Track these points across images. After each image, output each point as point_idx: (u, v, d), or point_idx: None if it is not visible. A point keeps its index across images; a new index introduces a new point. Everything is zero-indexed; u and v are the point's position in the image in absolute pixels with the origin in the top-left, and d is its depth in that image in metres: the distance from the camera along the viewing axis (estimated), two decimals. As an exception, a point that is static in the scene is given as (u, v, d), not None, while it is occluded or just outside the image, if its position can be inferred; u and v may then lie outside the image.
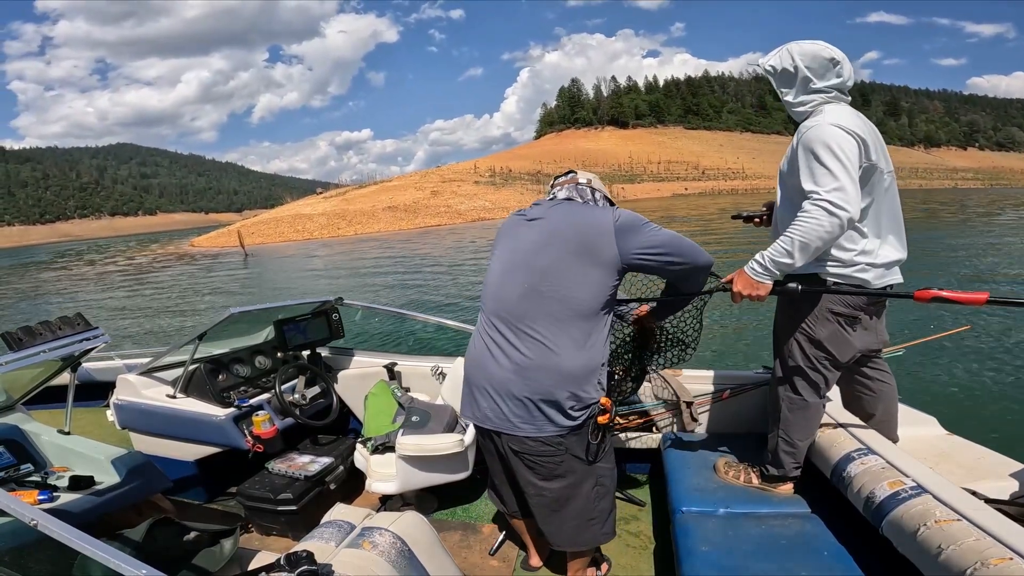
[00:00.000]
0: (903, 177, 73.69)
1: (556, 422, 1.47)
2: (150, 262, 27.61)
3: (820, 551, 1.55)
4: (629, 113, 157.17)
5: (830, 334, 1.68)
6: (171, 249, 38.61)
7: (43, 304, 15.54)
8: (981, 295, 1.37)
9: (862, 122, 1.57)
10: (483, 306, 1.61)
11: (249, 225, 44.81)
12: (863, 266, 1.61)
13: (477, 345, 1.59)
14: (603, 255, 1.46)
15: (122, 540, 1.40)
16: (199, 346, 2.46)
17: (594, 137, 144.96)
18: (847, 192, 1.46)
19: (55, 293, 18.16)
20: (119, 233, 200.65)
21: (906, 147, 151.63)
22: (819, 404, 1.79)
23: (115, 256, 36.02)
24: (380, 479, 2.19)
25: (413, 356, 2.90)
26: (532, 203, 1.67)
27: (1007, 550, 1.10)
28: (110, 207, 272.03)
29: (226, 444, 2.37)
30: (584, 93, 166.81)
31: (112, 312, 12.92)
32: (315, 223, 40.92)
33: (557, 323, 1.45)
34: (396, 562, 1.23)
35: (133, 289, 17.51)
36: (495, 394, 1.51)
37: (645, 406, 2.37)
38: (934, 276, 9.48)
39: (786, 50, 1.65)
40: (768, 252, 1.58)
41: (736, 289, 1.65)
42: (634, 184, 74.27)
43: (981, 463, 1.85)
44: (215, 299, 13.74)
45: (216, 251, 32.18)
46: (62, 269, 28.54)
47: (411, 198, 48.61)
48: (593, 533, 1.64)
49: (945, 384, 4.77)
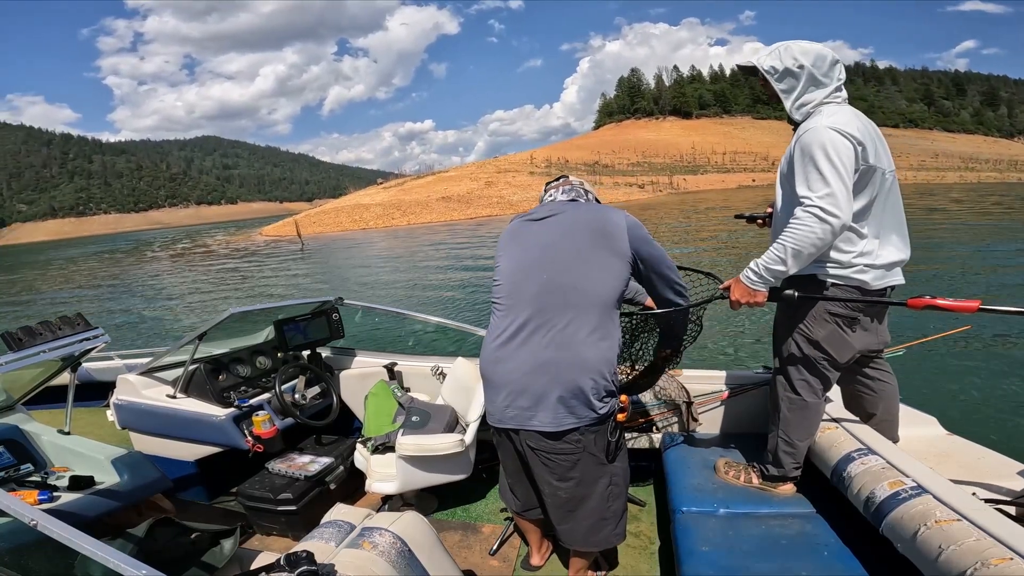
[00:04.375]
0: (1001, 170, 71.92)
1: (577, 414, 1.46)
2: (230, 251, 29.72)
3: (820, 551, 1.55)
4: (693, 103, 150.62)
5: (828, 334, 1.68)
6: (241, 238, 41.22)
7: (124, 294, 16.54)
8: (972, 303, 1.42)
9: (861, 123, 1.56)
10: (498, 305, 1.60)
11: (312, 215, 46.16)
12: (861, 267, 1.61)
13: (494, 344, 1.57)
14: (619, 246, 1.53)
15: (122, 540, 1.40)
16: (199, 346, 2.46)
17: (655, 127, 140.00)
18: (838, 198, 1.47)
19: (138, 281, 19.70)
20: (204, 221, 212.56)
21: (1006, 138, 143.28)
22: (819, 404, 1.79)
23: (193, 246, 38.67)
24: (380, 479, 2.19)
25: (413, 356, 2.90)
26: (533, 208, 1.71)
27: (1007, 550, 1.10)
28: (196, 196, 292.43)
29: (226, 444, 2.37)
30: (645, 83, 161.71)
31: (192, 294, 14.79)
32: (371, 213, 41.73)
33: (577, 313, 1.47)
34: (396, 562, 1.23)
35: (217, 274, 19.39)
36: (514, 391, 1.50)
37: (646, 406, 2.37)
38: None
39: (786, 50, 1.63)
40: (762, 260, 1.59)
41: (734, 297, 1.68)
42: (696, 175, 71.13)
43: (981, 463, 1.85)
44: (269, 286, 15.17)
45: (280, 240, 34.21)
46: (151, 259, 31.28)
47: (465, 188, 48.68)
48: (606, 534, 1.63)
49: (945, 384, 4.76)
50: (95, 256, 38.79)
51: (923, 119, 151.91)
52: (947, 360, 5.27)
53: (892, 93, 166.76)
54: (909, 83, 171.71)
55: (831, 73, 1.61)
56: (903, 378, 1.93)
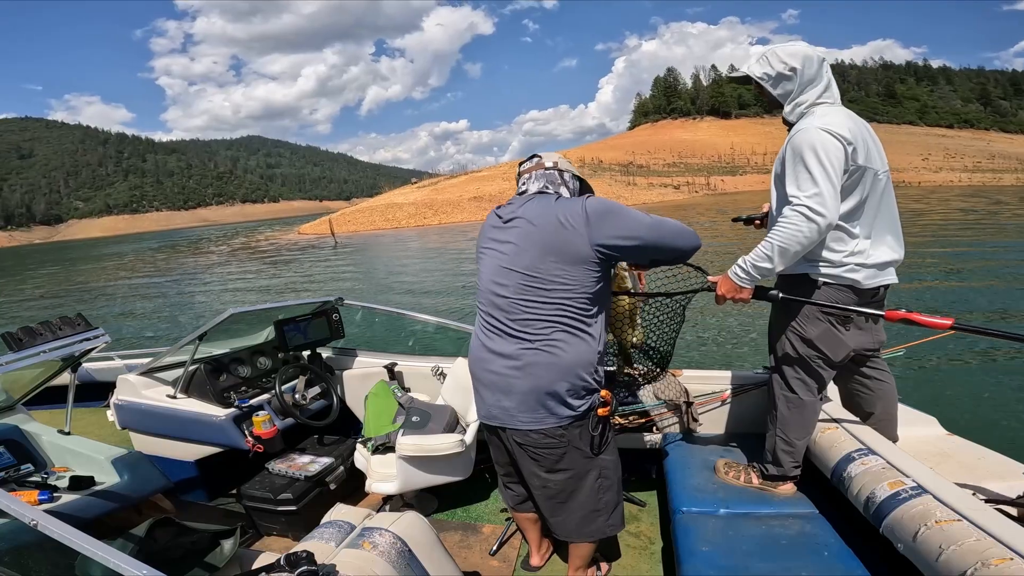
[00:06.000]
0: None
1: (557, 413, 1.49)
2: (273, 248, 31.62)
3: (820, 551, 1.55)
4: (732, 103, 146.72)
5: (821, 333, 1.69)
6: (281, 235, 43.39)
7: (179, 286, 18.29)
8: (947, 321, 1.46)
9: (853, 124, 1.57)
10: (479, 306, 1.62)
11: (347, 213, 47.45)
12: (852, 266, 1.63)
13: (477, 344, 1.62)
14: (576, 251, 1.45)
15: (122, 540, 1.40)
16: (199, 346, 2.46)
17: (692, 127, 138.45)
18: (825, 197, 1.48)
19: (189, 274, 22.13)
20: (248, 218, 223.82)
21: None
22: (815, 403, 1.79)
23: (237, 242, 41.11)
24: (380, 479, 2.18)
25: (413, 356, 2.90)
26: (509, 199, 1.65)
27: (1007, 550, 1.10)
28: (241, 195, 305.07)
29: (226, 444, 2.37)
30: (682, 83, 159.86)
31: (236, 289, 16.15)
32: (404, 212, 42.55)
33: (551, 319, 1.47)
34: (396, 562, 1.23)
35: (260, 269, 21.38)
36: (497, 390, 1.54)
37: (646, 406, 2.37)
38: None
39: (772, 55, 1.65)
40: (749, 257, 1.61)
41: (719, 292, 1.70)
42: (735, 176, 70.66)
43: (981, 463, 1.85)
44: (308, 281, 16.66)
45: (317, 238, 35.92)
46: (203, 253, 33.94)
47: (497, 188, 49.30)
48: (599, 525, 1.65)
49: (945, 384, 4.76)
50: (160, 249, 42.16)
51: (979, 119, 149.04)
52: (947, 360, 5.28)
53: (946, 93, 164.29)
54: (964, 83, 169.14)
55: (820, 72, 1.63)
56: (903, 378, 1.94)
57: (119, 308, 14.06)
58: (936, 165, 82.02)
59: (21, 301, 17.72)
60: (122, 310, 13.68)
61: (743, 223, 2.14)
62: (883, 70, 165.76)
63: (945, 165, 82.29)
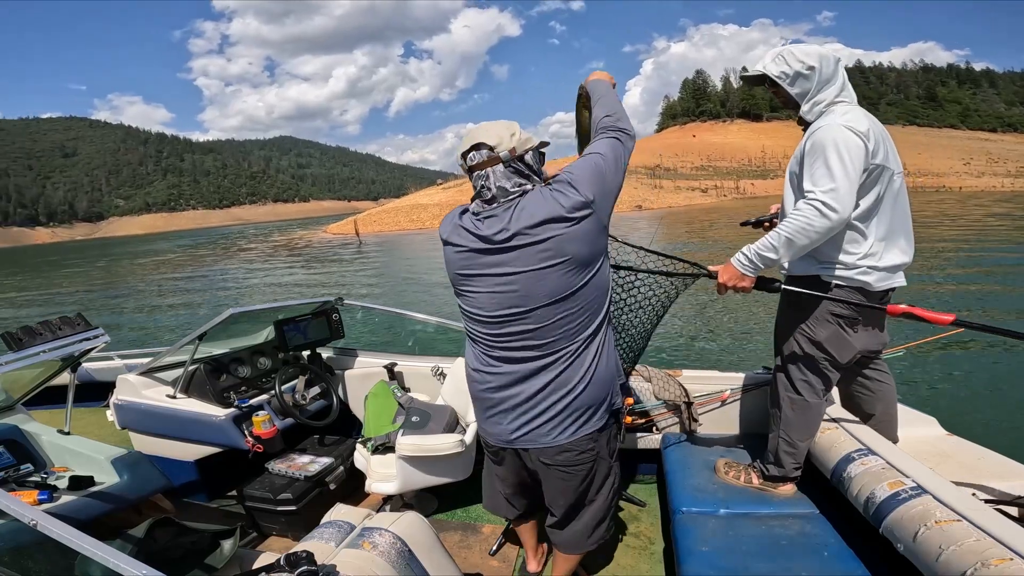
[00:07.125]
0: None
1: (592, 421, 1.42)
2: (307, 247, 33.19)
3: (820, 551, 1.55)
4: (763, 105, 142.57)
5: (830, 335, 1.69)
6: (306, 234, 45.08)
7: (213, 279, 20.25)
8: (948, 316, 1.46)
9: (871, 123, 1.58)
10: (475, 333, 1.46)
11: (373, 214, 48.23)
12: (865, 269, 1.62)
13: (487, 373, 1.46)
14: (593, 247, 1.31)
15: (122, 540, 1.40)
16: (199, 346, 2.46)
17: (722, 130, 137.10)
18: (841, 193, 1.47)
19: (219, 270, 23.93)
20: (280, 217, 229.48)
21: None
22: (820, 404, 1.79)
23: (271, 242, 42.61)
24: (380, 479, 2.18)
25: (413, 356, 2.90)
26: (473, 209, 1.38)
27: (1007, 551, 1.10)
28: (273, 194, 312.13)
29: (226, 444, 2.37)
30: (711, 85, 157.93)
31: (268, 285, 17.56)
32: (428, 213, 42.80)
33: (576, 337, 1.35)
34: (396, 562, 1.23)
35: (289, 265, 23.18)
36: (526, 414, 1.41)
37: (646, 406, 2.37)
38: None
39: (789, 54, 1.65)
40: (755, 245, 1.60)
41: (721, 280, 1.68)
42: (766, 180, 69.51)
43: (981, 463, 1.85)
44: (329, 277, 18.26)
45: (342, 238, 37.25)
46: (236, 251, 36.00)
47: None
48: (601, 532, 1.62)
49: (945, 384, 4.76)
50: (202, 246, 44.61)
51: (1023, 123, 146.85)
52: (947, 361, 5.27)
53: (990, 96, 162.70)
54: (1008, 85, 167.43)
55: (836, 71, 1.63)
56: (903, 379, 1.94)
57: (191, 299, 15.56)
58: (978, 170, 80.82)
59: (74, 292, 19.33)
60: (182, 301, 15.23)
61: (751, 226, 2.10)
62: (923, 72, 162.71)
63: (987, 170, 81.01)
